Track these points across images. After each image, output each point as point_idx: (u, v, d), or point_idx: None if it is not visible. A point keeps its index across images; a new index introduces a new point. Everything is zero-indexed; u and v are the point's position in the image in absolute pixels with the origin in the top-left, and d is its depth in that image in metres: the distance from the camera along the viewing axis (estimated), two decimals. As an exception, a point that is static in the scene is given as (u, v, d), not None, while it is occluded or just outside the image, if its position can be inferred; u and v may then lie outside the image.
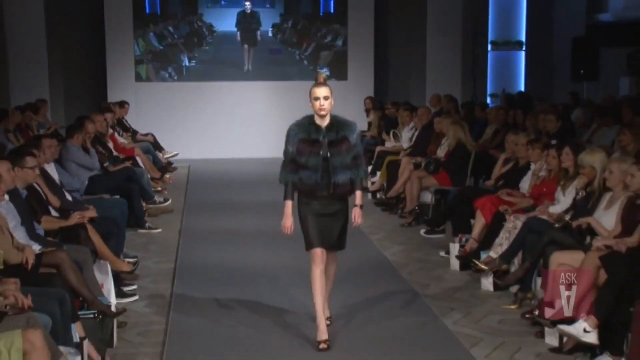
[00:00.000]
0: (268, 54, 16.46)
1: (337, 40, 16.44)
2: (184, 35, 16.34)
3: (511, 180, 8.19)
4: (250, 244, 8.80)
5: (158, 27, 16.24)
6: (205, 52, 16.43)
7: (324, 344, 5.59)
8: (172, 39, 16.32)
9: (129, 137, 12.93)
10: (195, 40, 16.36)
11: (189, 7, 16.32)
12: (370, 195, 11.11)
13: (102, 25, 15.85)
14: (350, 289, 6.79)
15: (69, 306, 5.10)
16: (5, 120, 10.47)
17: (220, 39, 16.38)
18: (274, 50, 16.47)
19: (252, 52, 16.40)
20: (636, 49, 15.36)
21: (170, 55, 16.32)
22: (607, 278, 5.42)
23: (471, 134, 10.08)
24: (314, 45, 16.49)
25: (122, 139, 12.29)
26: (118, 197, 8.93)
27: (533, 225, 6.80)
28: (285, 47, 16.48)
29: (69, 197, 7.62)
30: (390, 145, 12.01)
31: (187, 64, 16.39)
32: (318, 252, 5.67)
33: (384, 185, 10.95)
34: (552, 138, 9.02)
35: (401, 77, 16.32)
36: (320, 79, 5.70)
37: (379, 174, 11.27)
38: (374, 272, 7.60)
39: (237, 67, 16.42)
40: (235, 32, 16.29)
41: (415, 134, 11.34)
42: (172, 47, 16.32)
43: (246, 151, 15.84)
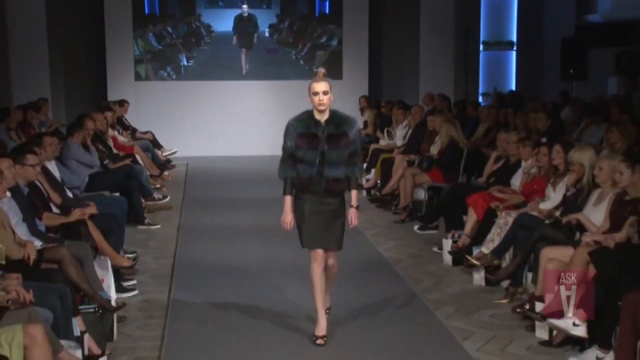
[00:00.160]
0: (265, 54, 16.44)
1: (333, 40, 16.42)
2: (182, 36, 16.31)
3: (502, 177, 8.19)
4: (247, 239, 8.80)
5: (157, 27, 16.21)
6: (203, 52, 16.41)
7: (321, 340, 5.55)
8: (170, 39, 16.29)
9: (129, 136, 12.91)
10: (194, 40, 16.34)
11: (187, 8, 16.29)
12: (364, 192, 11.10)
13: (102, 26, 15.83)
14: (345, 284, 6.77)
15: (70, 301, 5.10)
16: (7, 119, 10.45)
17: (217, 39, 16.35)
18: (270, 50, 16.44)
19: (248, 55, 16.36)
20: (624, 49, 15.35)
21: (169, 55, 16.30)
22: (596, 273, 5.43)
23: (463, 132, 10.08)
24: (309, 45, 16.48)
25: (121, 137, 12.27)
26: (118, 194, 8.95)
27: (524, 222, 6.81)
28: (281, 47, 16.46)
29: (69, 194, 7.62)
30: (384, 143, 12.01)
31: (185, 63, 16.36)
32: (319, 252, 5.56)
33: (378, 182, 10.97)
34: (542, 136, 9.02)
35: (395, 77, 16.31)
36: (320, 75, 5.58)
37: (373, 171, 11.28)
38: (369, 267, 7.60)
39: (234, 66, 16.40)
40: (232, 34, 16.27)
41: (409, 132, 11.34)
42: (171, 47, 16.30)
43: (243, 149, 15.84)
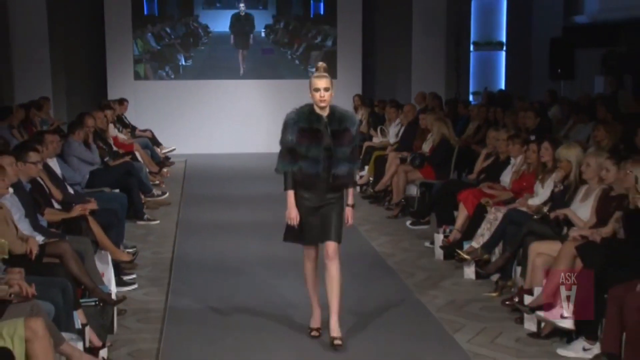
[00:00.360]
0: (261, 54, 16.41)
1: (327, 40, 16.40)
2: (180, 36, 16.26)
3: (492, 174, 8.20)
4: (244, 234, 8.79)
5: (156, 28, 16.16)
6: (200, 52, 16.36)
7: (316, 332, 5.52)
8: (169, 40, 16.25)
9: (128, 133, 12.89)
10: (192, 40, 16.29)
11: (186, 9, 16.25)
12: (358, 188, 11.11)
13: (102, 27, 15.78)
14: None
15: (71, 294, 5.09)
16: (10, 117, 10.43)
17: (215, 40, 16.32)
18: (266, 50, 16.41)
19: (245, 56, 16.33)
20: (610, 50, 15.37)
21: (167, 55, 16.26)
22: (583, 267, 5.44)
23: (454, 130, 10.08)
24: (304, 45, 16.45)
25: (121, 135, 12.25)
26: (118, 191, 8.93)
27: (513, 217, 6.82)
28: (277, 47, 16.43)
29: (71, 191, 7.61)
30: (377, 140, 12.01)
31: (183, 63, 16.32)
32: (312, 249, 5.47)
33: (371, 179, 10.97)
34: (531, 134, 9.03)
35: (388, 76, 16.30)
36: (321, 69, 5.32)
37: (367, 168, 11.28)
38: (362, 262, 7.60)
39: (231, 66, 16.37)
40: (229, 34, 16.25)
41: (402, 130, 11.34)
42: (169, 47, 16.25)
43: (240, 146, 15.82)
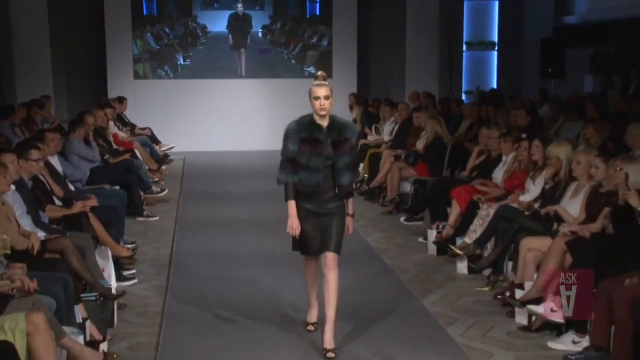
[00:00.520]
0: (258, 54, 16.39)
1: (323, 40, 16.38)
2: (179, 36, 16.23)
3: (484, 171, 8.21)
4: (241, 230, 8.79)
5: (155, 28, 16.12)
6: (199, 52, 16.32)
7: (311, 327, 5.50)
8: (168, 39, 16.21)
9: (128, 131, 12.87)
10: (190, 40, 16.26)
11: (184, 9, 16.22)
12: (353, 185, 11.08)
13: (102, 27, 15.74)
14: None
15: (72, 289, 5.09)
16: (12, 116, 10.40)
17: (213, 39, 16.28)
18: (263, 50, 16.39)
19: (244, 56, 16.30)
20: (599, 50, 15.42)
21: (166, 55, 16.22)
22: (572, 262, 5.45)
23: (447, 128, 10.09)
24: (301, 45, 16.43)
25: (121, 133, 12.23)
26: (118, 187, 8.92)
27: (504, 213, 6.83)
28: (273, 47, 16.40)
29: (71, 188, 7.60)
30: (372, 138, 12.01)
31: (182, 62, 16.28)
32: (311, 261, 5.39)
33: (366, 176, 10.96)
34: (522, 132, 9.04)
35: (382, 75, 16.30)
36: (321, 78, 5.18)
37: (362, 165, 11.27)
38: (357, 257, 7.60)
39: (229, 65, 16.34)
40: (227, 34, 16.22)
41: (396, 128, 11.34)
42: (168, 47, 16.21)
43: (238, 144, 15.81)
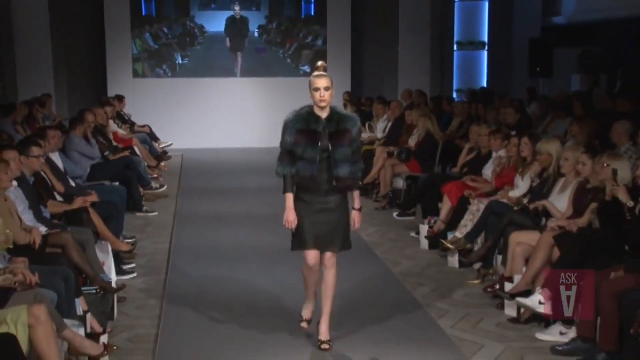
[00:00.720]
0: (254, 53, 16.37)
1: (317, 40, 16.36)
2: (177, 36, 16.19)
3: (474, 167, 8.21)
4: (238, 225, 8.79)
5: (153, 28, 16.09)
6: (196, 51, 16.30)
7: (305, 323, 5.23)
8: (166, 39, 16.18)
9: (127, 129, 12.84)
10: (188, 40, 16.23)
11: (182, 10, 16.18)
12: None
13: (102, 27, 15.71)
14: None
15: (73, 283, 5.08)
16: (14, 113, 10.38)
17: (210, 39, 16.26)
18: (259, 50, 16.36)
19: (241, 59, 16.27)
20: (586, 49, 15.43)
21: (164, 54, 16.19)
22: (560, 255, 5.46)
23: (439, 125, 10.09)
24: (296, 44, 16.41)
25: (121, 130, 12.20)
26: (117, 184, 8.90)
27: (494, 208, 6.84)
28: (269, 46, 16.38)
29: (72, 184, 7.58)
30: (365, 136, 11.98)
31: (180, 61, 16.25)
32: (312, 254, 4.93)
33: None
34: (511, 129, 9.05)
35: (375, 74, 16.29)
36: (321, 69, 4.95)
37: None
38: (352, 251, 7.44)
39: (226, 65, 16.31)
40: (224, 34, 16.19)
41: (388, 125, 11.34)
42: (167, 46, 16.18)
43: (235, 141, 15.80)
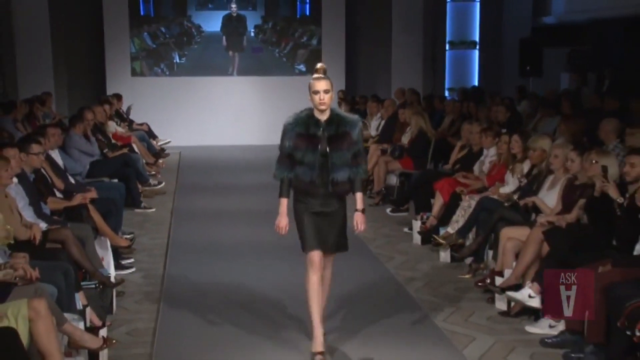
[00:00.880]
0: (250, 53, 16.36)
1: (312, 39, 16.36)
2: (175, 35, 16.17)
3: (466, 164, 8.23)
4: (234, 221, 8.79)
5: (151, 27, 16.06)
6: (194, 51, 16.28)
7: (320, 356, 4.67)
8: (164, 39, 16.15)
9: (126, 127, 12.82)
10: (185, 39, 16.20)
11: (180, 10, 16.16)
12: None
13: (101, 26, 15.67)
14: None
15: (73, 277, 5.08)
16: (14, 111, 10.36)
17: (207, 39, 16.24)
18: (255, 49, 16.35)
19: (238, 58, 16.25)
20: (575, 49, 15.46)
21: (162, 53, 16.16)
22: (549, 250, 5.48)
23: (431, 123, 10.10)
24: (291, 44, 16.40)
25: (119, 128, 12.19)
26: (116, 180, 8.89)
27: (485, 204, 6.85)
28: (265, 46, 16.36)
29: (72, 180, 7.57)
30: (359, 133, 12.00)
31: (177, 60, 16.23)
32: (316, 255, 4.72)
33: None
34: (502, 127, 9.06)
35: (369, 73, 16.30)
36: (320, 71, 4.76)
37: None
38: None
39: (223, 64, 16.30)
40: (221, 34, 16.18)
41: (382, 123, 11.35)
42: (164, 46, 16.15)
43: (231, 139, 15.79)
